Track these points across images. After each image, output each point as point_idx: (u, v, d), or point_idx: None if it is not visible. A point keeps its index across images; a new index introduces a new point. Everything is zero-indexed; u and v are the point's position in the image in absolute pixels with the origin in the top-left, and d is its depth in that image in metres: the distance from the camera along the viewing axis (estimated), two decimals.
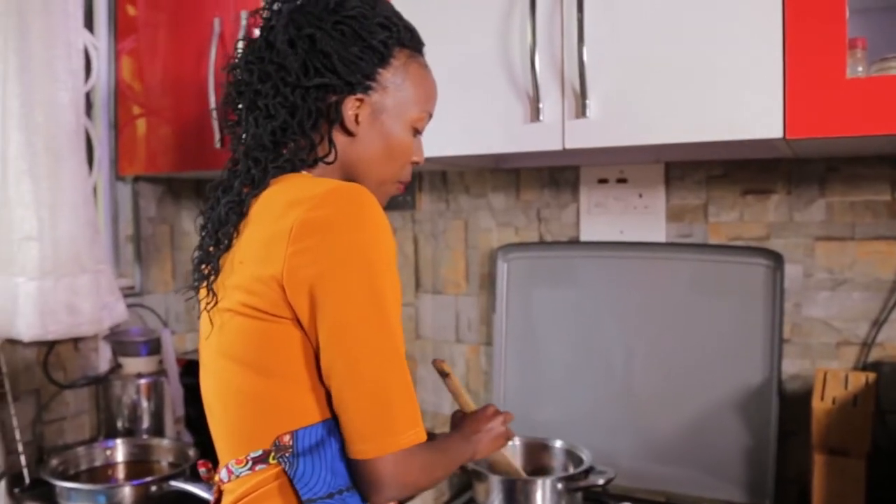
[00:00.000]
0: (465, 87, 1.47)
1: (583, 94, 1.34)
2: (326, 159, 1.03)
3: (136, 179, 2.10)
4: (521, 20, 1.40)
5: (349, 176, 1.05)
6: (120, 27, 1.99)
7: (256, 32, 1.06)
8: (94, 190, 1.97)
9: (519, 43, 1.41)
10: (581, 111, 1.35)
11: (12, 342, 1.73)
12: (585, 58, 1.33)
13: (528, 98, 1.40)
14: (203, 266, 1.03)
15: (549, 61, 1.38)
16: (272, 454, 0.95)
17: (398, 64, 1.05)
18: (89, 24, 1.95)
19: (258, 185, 1.00)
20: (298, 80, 1.00)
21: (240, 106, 1.04)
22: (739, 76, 1.24)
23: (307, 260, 0.90)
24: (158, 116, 1.92)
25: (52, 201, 1.70)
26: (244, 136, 1.04)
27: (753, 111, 1.23)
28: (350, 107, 1.02)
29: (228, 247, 1.00)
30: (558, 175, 1.86)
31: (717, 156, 1.66)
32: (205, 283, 1.02)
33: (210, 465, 1.11)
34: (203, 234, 1.06)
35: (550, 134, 1.39)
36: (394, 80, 1.05)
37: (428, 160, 1.64)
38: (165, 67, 1.89)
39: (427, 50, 1.10)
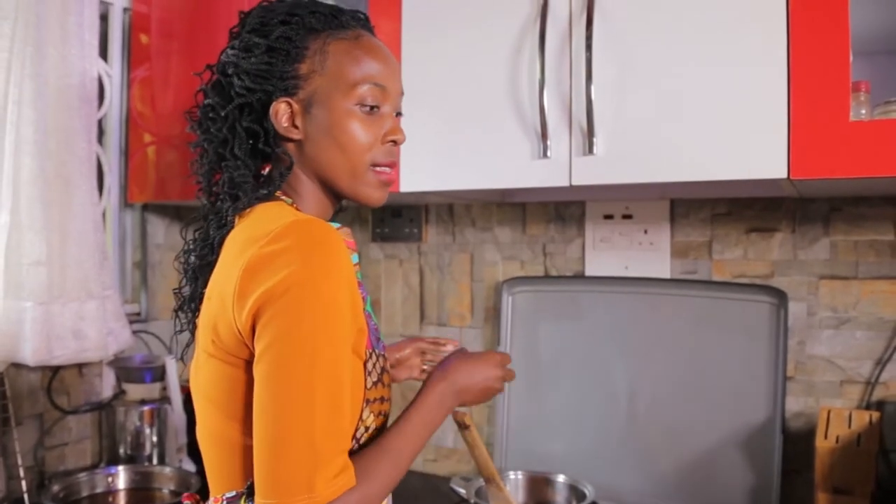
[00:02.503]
0: (474, 122, 1.49)
1: (590, 132, 1.35)
2: (279, 178, 1.00)
3: (145, 207, 2.11)
4: (531, 58, 1.42)
5: (324, 182, 1.02)
6: (133, 55, 2.02)
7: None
8: (103, 216, 1.98)
9: (528, 80, 1.43)
10: (588, 148, 1.36)
11: (17, 366, 1.73)
12: (593, 96, 1.35)
13: (536, 134, 1.42)
14: (183, 306, 1.07)
15: (558, 99, 1.40)
16: (244, 497, 0.94)
17: (314, 51, 0.99)
18: (104, 52, 1.97)
19: (224, 224, 0.99)
20: (222, 112, 1.00)
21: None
22: (745, 117, 1.25)
23: (250, 301, 0.87)
24: (169, 145, 1.94)
25: (62, 227, 1.71)
26: (202, 180, 1.05)
27: (758, 151, 1.24)
28: (279, 113, 0.99)
29: (204, 285, 1.01)
30: (564, 210, 1.88)
31: (721, 194, 1.67)
32: (188, 321, 1.06)
33: (197, 498, 1.10)
34: (182, 273, 1.07)
35: (558, 170, 1.41)
36: (314, 69, 0.99)
37: (435, 193, 1.67)
38: (177, 96, 1.91)
39: (437, 86, 1.08)
